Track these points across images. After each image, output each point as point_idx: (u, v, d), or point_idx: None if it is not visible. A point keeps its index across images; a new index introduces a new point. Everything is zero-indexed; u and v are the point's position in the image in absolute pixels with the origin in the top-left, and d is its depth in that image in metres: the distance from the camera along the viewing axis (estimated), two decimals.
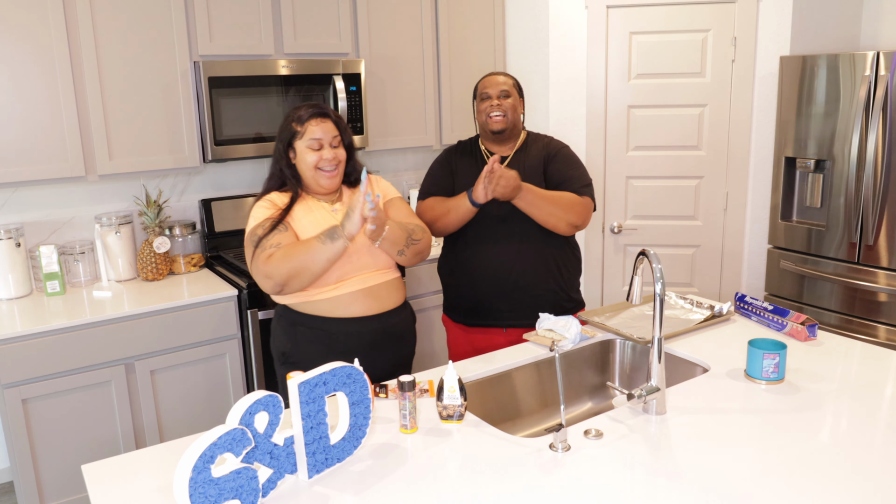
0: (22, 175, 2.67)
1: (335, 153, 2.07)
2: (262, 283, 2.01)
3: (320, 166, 2.06)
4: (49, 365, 2.54)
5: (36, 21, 2.62)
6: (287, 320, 2.13)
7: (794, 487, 1.36)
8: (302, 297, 2.07)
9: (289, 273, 1.95)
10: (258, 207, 2.09)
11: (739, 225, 3.50)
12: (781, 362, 1.80)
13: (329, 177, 2.07)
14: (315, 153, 2.06)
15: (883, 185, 2.93)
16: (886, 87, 2.86)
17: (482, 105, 2.42)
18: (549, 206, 2.28)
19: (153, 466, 1.53)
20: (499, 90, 2.39)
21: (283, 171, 2.11)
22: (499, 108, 2.38)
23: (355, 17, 3.31)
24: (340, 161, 2.10)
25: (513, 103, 2.40)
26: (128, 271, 3.05)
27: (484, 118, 2.41)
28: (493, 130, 2.40)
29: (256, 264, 1.99)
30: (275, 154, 2.14)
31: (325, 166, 2.06)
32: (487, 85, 2.41)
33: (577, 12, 3.43)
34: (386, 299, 2.12)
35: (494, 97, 2.39)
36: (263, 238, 2.00)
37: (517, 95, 2.44)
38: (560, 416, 1.70)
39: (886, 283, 2.97)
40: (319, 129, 2.05)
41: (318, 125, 2.05)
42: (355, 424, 1.50)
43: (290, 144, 2.09)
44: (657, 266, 1.66)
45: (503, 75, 2.44)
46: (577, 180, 2.38)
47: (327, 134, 2.06)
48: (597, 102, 3.49)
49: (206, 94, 2.91)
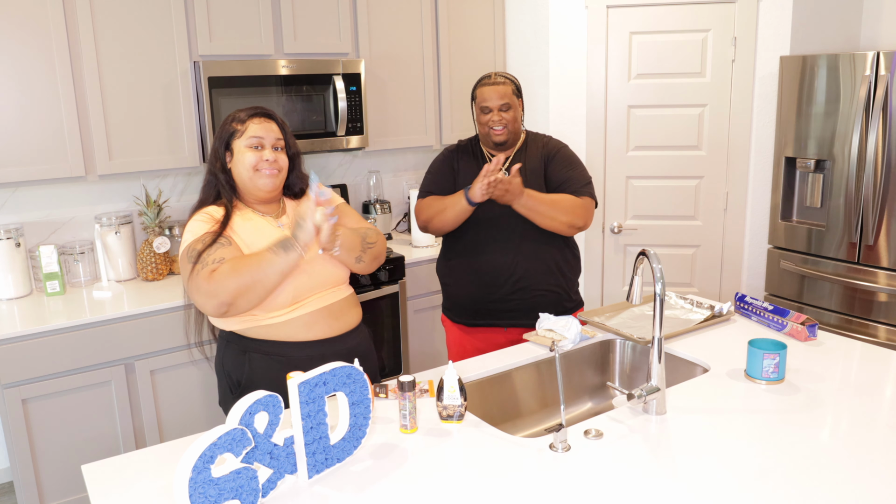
0: (22, 175, 2.67)
1: (277, 156, 1.89)
2: (204, 303, 1.77)
3: (259, 167, 1.87)
4: (49, 365, 2.54)
5: (36, 21, 2.62)
6: (237, 347, 1.92)
7: (795, 487, 1.36)
8: (251, 322, 1.87)
9: (237, 290, 1.73)
10: (194, 221, 1.87)
11: (739, 225, 3.50)
12: (781, 362, 1.80)
13: (269, 174, 1.88)
14: (254, 153, 1.87)
15: (883, 185, 2.93)
16: (886, 87, 2.86)
17: (483, 117, 2.39)
18: (549, 211, 2.28)
19: (153, 466, 1.53)
20: (499, 103, 2.34)
21: (217, 176, 1.92)
22: (500, 122, 2.36)
23: (355, 17, 3.31)
24: (282, 168, 1.91)
25: (514, 114, 2.37)
26: (128, 271, 3.05)
27: (486, 130, 2.39)
28: (496, 143, 2.40)
29: (196, 282, 1.76)
30: (210, 158, 1.94)
31: (265, 168, 1.87)
32: (487, 97, 2.36)
33: (577, 12, 3.43)
34: (346, 318, 1.96)
35: (495, 110, 2.35)
36: (203, 253, 1.78)
37: (517, 103, 2.40)
38: (560, 416, 1.70)
39: (886, 283, 2.97)
40: (261, 129, 1.89)
41: (259, 124, 1.89)
42: (355, 424, 1.50)
43: (228, 146, 1.91)
44: (657, 266, 1.66)
45: (502, 82, 2.37)
46: (578, 180, 2.38)
47: (269, 134, 1.89)
48: (597, 102, 3.49)
49: (205, 94, 2.90)
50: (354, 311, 2.02)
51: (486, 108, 2.37)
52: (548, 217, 2.29)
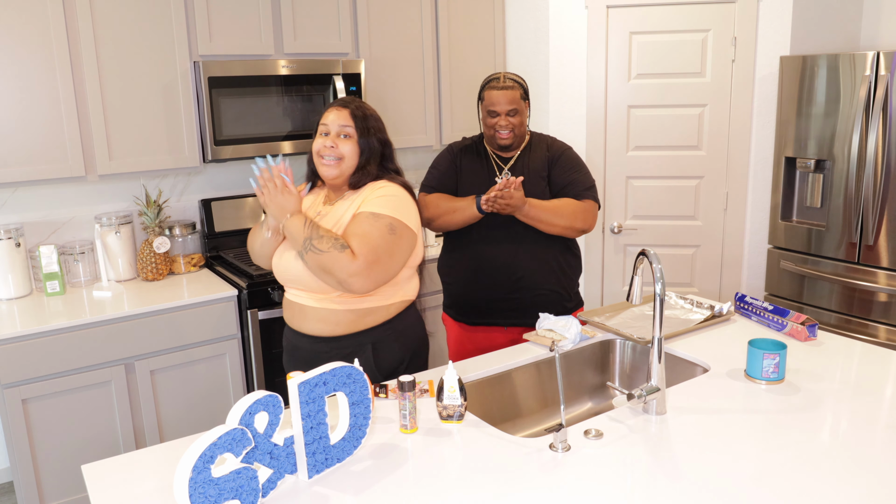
0: (22, 175, 2.67)
1: (338, 143, 1.91)
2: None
3: (320, 152, 1.93)
4: (49, 365, 2.54)
5: (36, 21, 2.62)
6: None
7: (794, 487, 1.36)
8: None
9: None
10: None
11: (739, 225, 3.50)
12: (781, 362, 1.80)
13: (325, 164, 1.91)
14: (320, 139, 1.94)
15: (883, 185, 2.93)
16: (886, 87, 2.86)
17: (489, 120, 2.38)
18: (551, 218, 2.31)
19: (153, 466, 1.53)
20: (507, 108, 2.34)
21: (310, 159, 2.02)
22: (507, 127, 2.36)
23: (355, 17, 3.31)
24: (343, 155, 1.91)
25: (521, 119, 2.37)
26: (128, 271, 3.05)
27: (492, 133, 2.39)
28: (501, 146, 2.41)
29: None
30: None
31: (324, 153, 1.91)
32: (495, 100, 2.35)
33: (577, 12, 3.43)
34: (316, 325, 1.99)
35: (503, 114, 2.35)
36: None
37: (524, 106, 2.39)
38: (560, 416, 1.70)
39: (886, 283, 2.97)
40: (331, 116, 1.93)
41: (332, 112, 1.94)
42: (355, 424, 1.50)
43: (316, 132, 2.00)
44: (657, 266, 1.66)
45: (511, 86, 2.35)
46: (581, 183, 2.39)
47: (335, 122, 1.92)
48: (597, 102, 3.49)
49: (205, 94, 2.90)
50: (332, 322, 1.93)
51: (494, 112, 2.36)
52: (550, 224, 2.32)
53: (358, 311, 1.92)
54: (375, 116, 1.99)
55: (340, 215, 1.93)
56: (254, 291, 2.87)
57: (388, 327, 1.96)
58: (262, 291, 2.88)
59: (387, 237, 1.82)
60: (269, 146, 3.08)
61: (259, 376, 2.93)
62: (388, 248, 1.82)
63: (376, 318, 1.94)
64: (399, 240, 1.85)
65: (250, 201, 3.38)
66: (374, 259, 1.79)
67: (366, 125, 1.94)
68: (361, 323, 1.93)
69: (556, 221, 2.31)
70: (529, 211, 2.27)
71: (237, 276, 3.00)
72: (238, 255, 3.21)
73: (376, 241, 1.80)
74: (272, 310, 2.89)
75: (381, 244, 1.81)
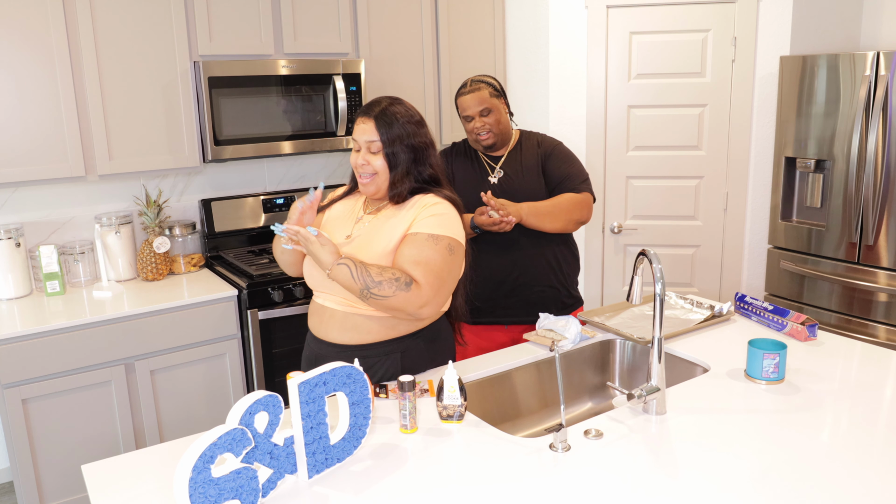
0: (22, 175, 2.67)
1: (367, 160, 1.85)
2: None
3: (356, 169, 1.89)
4: (49, 365, 2.54)
5: (36, 21, 2.62)
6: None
7: (794, 487, 1.36)
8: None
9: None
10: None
11: (739, 225, 3.50)
12: (781, 362, 1.80)
13: (363, 182, 1.88)
14: (355, 154, 1.88)
15: (883, 185, 2.93)
16: (886, 87, 2.86)
17: (467, 125, 2.45)
18: (551, 220, 2.35)
19: (153, 466, 1.53)
20: (478, 109, 2.38)
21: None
22: (483, 128, 2.40)
23: (355, 17, 3.31)
24: (376, 171, 1.85)
25: (496, 117, 2.41)
26: (128, 271, 3.05)
27: (473, 137, 2.45)
28: (484, 147, 2.46)
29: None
30: None
31: (361, 171, 1.87)
32: (465, 105, 2.40)
33: (577, 12, 3.43)
34: (352, 332, 1.94)
35: (476, 116, 2.39)
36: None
37: (498, 104, 2.42)
38: (560, 416, 1.70)
39: (886, 283, 2.97)
40: (359, 128, 1.86)
41: (359, 123, 1.86)
42: (355, 424, 1.50)
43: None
44: (657, 266, 1.66)
45: (477, 88, 2.39)
46: (576, 177, 2.43)
47: (362, 136, 1.85)
48: (597, 102, 3.49)
49: (205, 94, 2.90)
50: (363, 330, 1.89)
51: (469, 117, 2.42)
52: (552, 225, 2.36)
53: (392, 320, 1.88)
54: (406, 118, 1.86)
55: (390, 231, 1.85)
56: (254, 291, 2.87)
57: (418, 336, 1.94)
58: (263, 291, 2.88)
59: (447, 259, 1.81)
60: (269, 146, 3.08)
61: (259, 376, 2.93)
62: (449, 270, 1.82)
63: (409, 327, 1.92)
64: (457, 258, 1.85)
65: (250, 201, 3.38)
66: (439, 285, 1.78)
67: (391, 135, 1.83)
68: (394, 331, 1.90)
69: (557, 220, 2.36)
70: (529, 218, 2.31)
71: (237, 276, 3.00)
72: (238, 255, 3.21)
73: (439, 266, 1.79)
74: (272, 310, 2.89)
75: (444, 267, 1.80)
